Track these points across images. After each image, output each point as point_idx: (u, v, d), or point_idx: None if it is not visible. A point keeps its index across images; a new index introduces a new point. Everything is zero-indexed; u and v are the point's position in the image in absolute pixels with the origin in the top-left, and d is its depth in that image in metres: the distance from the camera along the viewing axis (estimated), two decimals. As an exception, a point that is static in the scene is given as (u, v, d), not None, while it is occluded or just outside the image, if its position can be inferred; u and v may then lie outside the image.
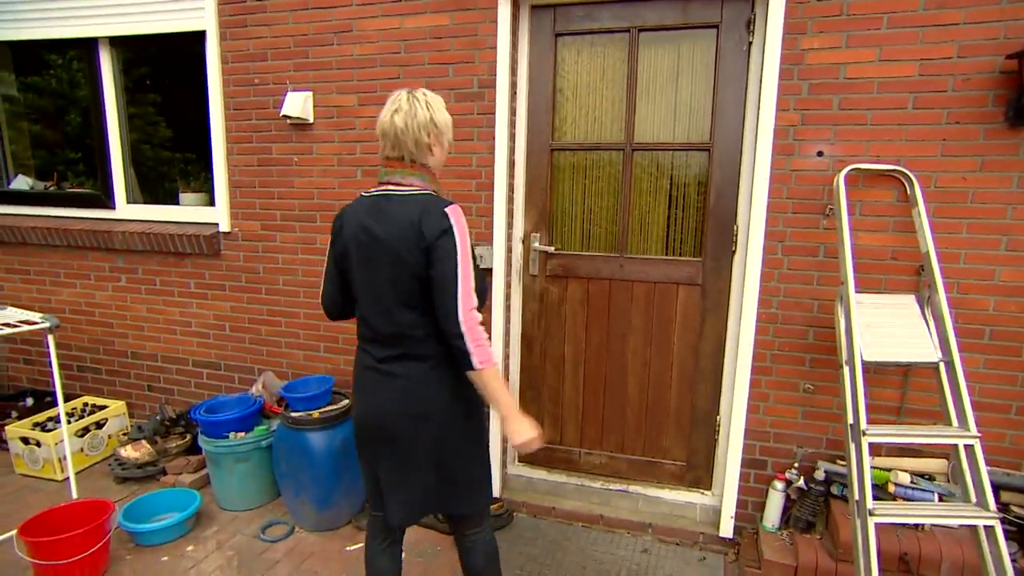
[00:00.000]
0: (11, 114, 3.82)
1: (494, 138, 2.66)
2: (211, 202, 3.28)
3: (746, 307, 2.45)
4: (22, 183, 3.81)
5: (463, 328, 1.50)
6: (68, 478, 2.94)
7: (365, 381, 1.72)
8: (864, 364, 2.04)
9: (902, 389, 2.40)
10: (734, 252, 2.55)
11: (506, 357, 2.85)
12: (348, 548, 2.64)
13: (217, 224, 3.20)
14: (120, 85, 3.44)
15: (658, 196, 2.64)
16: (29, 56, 3.65)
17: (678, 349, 2.68)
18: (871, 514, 1.93)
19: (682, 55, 2.53)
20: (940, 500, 2.30)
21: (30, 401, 3.65)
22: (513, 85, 2.65)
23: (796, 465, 2.49)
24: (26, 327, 2.80)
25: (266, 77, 2.99)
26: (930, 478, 2.41)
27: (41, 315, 2.89)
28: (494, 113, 2.64)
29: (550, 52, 2.64)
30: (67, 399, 3.55)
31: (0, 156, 3.80)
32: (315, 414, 2.67)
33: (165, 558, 2.58)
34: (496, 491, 2.87)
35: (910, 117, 2.26)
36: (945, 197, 2.26)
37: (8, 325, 2.79)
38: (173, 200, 3.49)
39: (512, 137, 2.69)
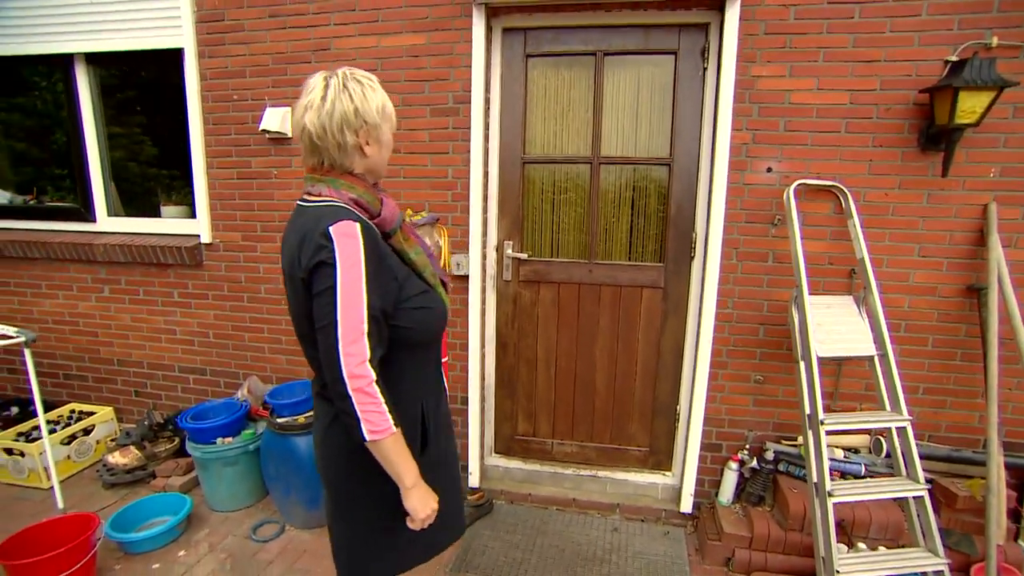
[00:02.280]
0: None
1: (469, 151, 2.40)
2: (192, 214, 2.87)
3: (705, 308, 2.31)
4: (0, 197, 3.27)
5: (348, 388, 1.00)
6: (53, 488, 2.50)
7: None
8: (819, 359, 1.92)
9: (835, 376, 2.31)
10: (693, 258, 2.39)
11: (482, 358, 2.61)
12: (339, 544, 2.35)
13: (198, 236, 2.80)
14: (98, 101, 2.97)
15: (623, 206, 2.45)
16: (11, 75, 3.09)
17: (642, 347, 2.51)
18: (830, 495, 1.83)
19: (643, 77, 2.34)
20: (866, 470, 2.24)
21: (15, 411, 3.15)
22: (487, 102, 2.39)
23: (747, 447, 2.39)
24: (0, 341, 2.36)
25: (245, 93, 2.62)
26: (855, 451, 2.35)
27: (16, 329, 2.44)
28: (469, 128, 2.38)
29: (521, 72, 2.40)
30: (54, 407, 3.14)
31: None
32: (301, 419, 2.35)
33: (156, 565, 2.23)
34: (476, 481, 2.64)
35: (844, 140, 2.17)
36: (872, 210, 2.19)
37: (-17, 340, 2.35)
38: (156, 213, 3.04)
39: (486, 151, 2.44)
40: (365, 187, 1.13)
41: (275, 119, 2.51)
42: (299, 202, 1.15)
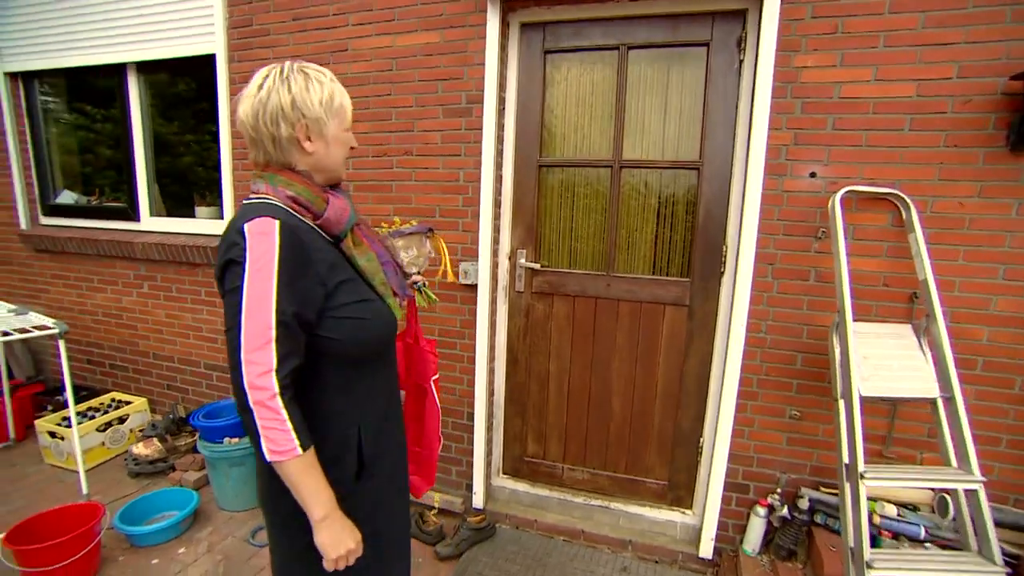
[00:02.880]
0: (70, 137, 3.44)
1: (481, 154, 2.23)
2: (221, 215, 2.88)
3: (734, 330, 2.01)
4: (67, 197, 3.48)
5: (249, 399, 0.88)
6: (78, 474, 2.57)
7: None
8: (861, 399, 1.59)
9: (889, 418, 1.94)
10: (723, 273, 2.10)
11: (490, 372, 2.43)
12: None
13: (223, 236, 2.80)
14: (147, 106, 3.07)
15: (646, 214, 2.20)
16: (104, 89, 3.23)
17: (663, 370, 2.23)
18: (869, 567, 1.48)
19: (672, 73, 2.09)
20: (926, 533, 1.85)
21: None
22: (501, 101, 2.22)
23: (779, 491, 2.04)
24: (37, 332, 2.45)
25: (269, 96, 2.58)
26: (914, 508, 1.96)
27: (54, 320, 2.54)
28: (481, 129, 2.22)
29: (539, 69, 2.21)
30: (98, 394, 3.29)
31: (49, 173, 3.44)
32: (305, 423, 2.26)
33: (155, 561, 2.21)
34: (480, 502, 2.45)
35: (906, 139, 1.81)
36: (941, 223, 1.81)
37: (23, 331, 2.46)
38: (193, 214, 3.10)
39: (499, 153, 2.27)
40: (306, 184, 1.03)
41: (293, 121, 2.47)
42: (244, 200, 1.06)
